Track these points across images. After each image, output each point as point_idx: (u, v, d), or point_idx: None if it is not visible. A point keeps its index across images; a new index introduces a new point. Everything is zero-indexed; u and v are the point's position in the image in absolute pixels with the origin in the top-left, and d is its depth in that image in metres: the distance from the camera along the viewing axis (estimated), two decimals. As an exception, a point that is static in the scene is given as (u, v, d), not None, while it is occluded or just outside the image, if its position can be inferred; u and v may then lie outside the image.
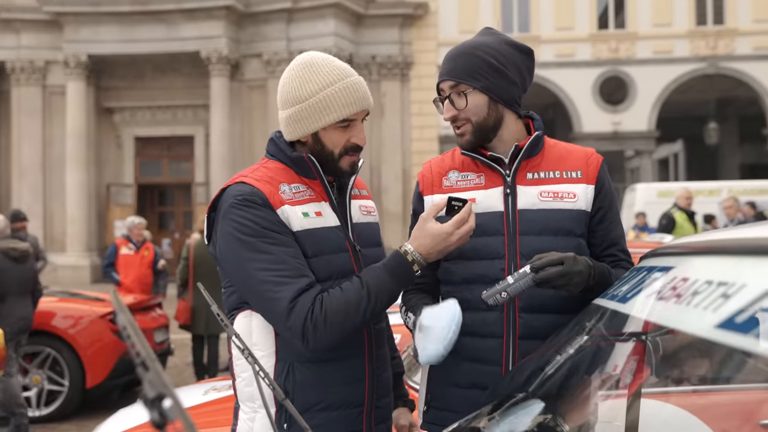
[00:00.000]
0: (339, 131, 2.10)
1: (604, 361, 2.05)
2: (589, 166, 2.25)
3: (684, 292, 1.35)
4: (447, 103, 2.20)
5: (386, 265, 2.02)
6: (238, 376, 2.17)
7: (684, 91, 24.75)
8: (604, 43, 24.47)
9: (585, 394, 2.05)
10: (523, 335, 2.13)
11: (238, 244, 2.01)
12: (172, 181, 26.10)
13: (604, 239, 2.26)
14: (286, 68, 2.19)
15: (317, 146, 2.12)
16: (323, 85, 2.08)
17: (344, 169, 2.15)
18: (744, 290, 1.19)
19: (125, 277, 9.94)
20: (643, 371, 2.10)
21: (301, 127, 2.11)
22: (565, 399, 2.04)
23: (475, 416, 2.03)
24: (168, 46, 23.39)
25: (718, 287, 1.26)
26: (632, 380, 2.12)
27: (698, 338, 2.26)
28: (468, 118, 2.19)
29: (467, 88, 2.17)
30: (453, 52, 2.22)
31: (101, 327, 7.54)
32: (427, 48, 24.48)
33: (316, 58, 2.16)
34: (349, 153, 2.13)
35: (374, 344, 2.19)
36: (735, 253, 1.37)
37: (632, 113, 24.31)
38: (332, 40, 22.79)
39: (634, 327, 1.73)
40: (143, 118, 25.37)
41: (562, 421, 1.96)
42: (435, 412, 2.29)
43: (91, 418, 7.33)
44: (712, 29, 24.38)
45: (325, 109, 2.07)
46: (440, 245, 1.98)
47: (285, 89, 2.15)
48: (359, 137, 2.12)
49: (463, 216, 1.99)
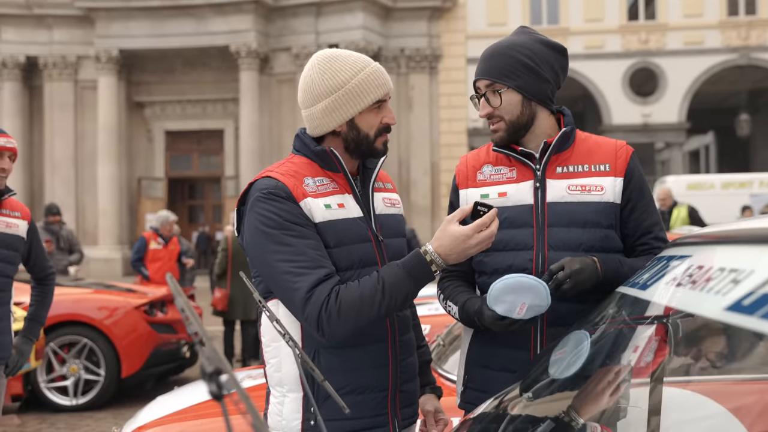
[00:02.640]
0: (373, 113, 2.19)
1: (625, 345, 2.12)
2: (618, 159, 2.31)
3: (698, 279, 1.42)
4: (483, 101, 2.28)
5: (405, 264, 2.08)
6: (268, 362, 2.26)
7: (715, 82, 24.52)
8: (634, 34, 24.30)
9: (606, 378, 2.12)
10: (550, 322, 2.21)
11: (262, 236, 2.11)
12: (202, 175, 26.37)
13: (637, 229, 2.31)
14: (305, 68, 2.27)
15: (352, 132, 2.20)
16: (354, 72, 2.17)
17: (379, 149, 2.23)
18: (752, 275, 1.26)
19: (154, 272, 10.13)
20: (665, 354, 2.16)
21: (339, 115, 2.18)
22: (585, 384, 2.11)
23: (500, 400, 2.11)
24: (198, 40, 23.62)
25: (729, 273, 1.33)
26: (654, 363, 2.18)
27: (719, 326, 2.31)
28: (502, 116, 2.27)
29: (502, 87, 2.25)
30: (488, 52, 2.30)
31: (136, 318, 7.69)
32: (455, 41, 24.45)
33: (335, 52, 2.25)
34: (382, 133, 2.22)
35: (398, 331, 2.26)
36: (746, 242, 1.44)
37: (662, 105, 24.12)
38: (360, 33, 22.87)
39: (654, 312, 1.79)
40: (173, 112, 25.65)
41: (576, 414, 2.03)
42: (471, 392, 2.38)
43: (126, 406, 7.49)
44: (744, 20, 24.12)
45: (361, 93, 2.16)
46: (459, 247, 2.03)
47: (313, 84, 2.22)
48: (390, 116, 2.22)
49: (485, 221, 2.02)
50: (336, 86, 2.16)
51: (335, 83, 2.16)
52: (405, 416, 2.31)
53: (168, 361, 8.03)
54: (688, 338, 1.70)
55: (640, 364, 2.19)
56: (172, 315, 8.12)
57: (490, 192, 2.32)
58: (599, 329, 2.04)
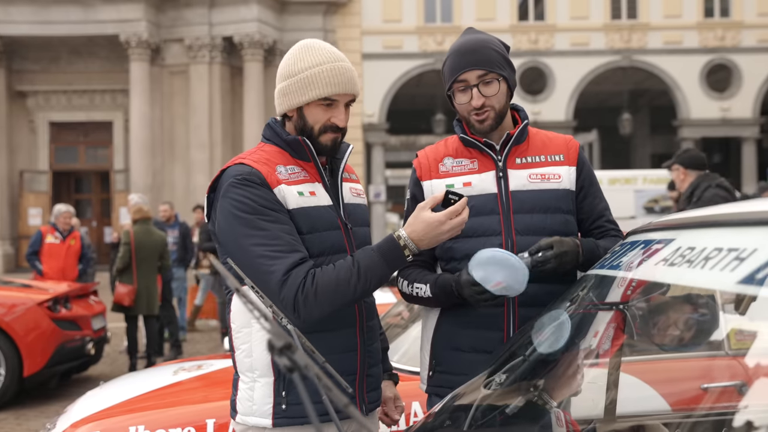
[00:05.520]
0: (321, 109, 2.25)
1: (588, 328, 2.24)
2: (570, 150, 2.48)
3: (695, 259, 1.52)
4: (475, 91, 2.34)
5: (379, 248, 2.16)
6: (238, 348, 2.27)
7: (599, 82, 25.58)
8: (524, 34, 25.03)
9: (570, 359, 2.22)
10: (522, 303, 2.30)
11: (236, 220, 2.14)
12: (90, 168, 25.51)
13: (591, 213, 2.48)
14: None
15: (300, 121, 2.28)
16: (312, 64, 2.24)
17: (324, 145, 2.28)
18: (756, 253, 1.37)
19: (49, 267, 9.76)
20: (623, 337, 2.29)
21: (288, 100, 2.27)
22: (552, 364, 2.21)
23: (471, 385, 2.18)
24: (85, 28, 22.76)
25: (729, 252, 1.45)
26: (612, 345, 2.31)
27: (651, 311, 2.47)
28: (492, 105, 2.37)
29: (495, 77, 2.35)
30: (469, 46, 2.37)
31: (39, 314, 7.39)
32: (351, 36, 24.56)
33: (315, 42, 2.34)
34: (328, 131, 2.26)
35: (365, 317, 2.34)
36: (736, 224, 1.57)
37: (550, 103, 24.99)
38: (256, 26, 22.62)
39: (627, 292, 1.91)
40: (58, 103, 24.67)
41: (548, 396, 2.12)
42: (441, 376, 2.44)
43: (28, 406, 7.22)
44: (626, 23, 25.27)
45: (309, 85, 2.22)
46: (432, 233, 2.11)
47: (282, 65, 2.32)
48: (339, 118, 2.27)
49: (457, 208, 2.11)
50: (293, 72, 2.25)
51: (293, 69, 2.25)
52: (371, 399, 2.38)
53: (72, 358, 7.76)
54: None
55: (599, 346, 2.32)
56: (76, 311, 7.86)
57: (455, 182, 2.41)
58: (569, 311, 2.14)
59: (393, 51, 24.92)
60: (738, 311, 2.03)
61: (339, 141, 2.31)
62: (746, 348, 2.87)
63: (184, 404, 3.32)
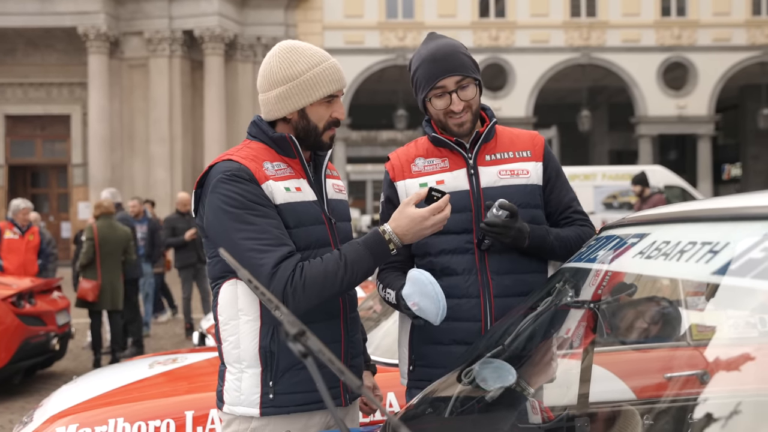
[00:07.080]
0: (324, 106, 2.32)
1: (561, 323, 2.33)
2: (536, 146, 2.58)
3: (671, 252, 1.62)
4: (455, 96, 2.43)
5: (365, 242, 2.23)
6: (225, 340, 2.32)
7: (559, 79, 25.91)
8: (485, 31, 25.24)
9: (545, 351, 2.32)
10: (497, 294, 2.40)
11: (225, 215, 2.19)
12: (47, 162, 25.14)
13: (559, 205, 2.59)
14: (268, 54, 2.39)
15: (302, 121, 2.33)
16: (311, 65, 2.29)
17: (325, 142, 2.37)
18: (729, 247, 1.47)
19: (9, 263, 9.66)
20: (594, 333, 2.39)
21: (291, 103, 2.31)
22: (529, 355, 2.29)
23: (448, 378, 2.25)
24: (42, 20, 22.44)
25: (703, 246, 1.54)
26: (585, 338, 2.40)
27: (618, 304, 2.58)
28: (470, 107, 2.47)
29: (472, 81, 2.45)
30: (441, 53, 2.45)
31: (3, 309, 7.29)
32: (312, 31, 24.55)
33: (299, 43, 2.39)
34: (330, 127, 2.35)
35: (348, 308, 2.41)
36: (707, 220, 1.66)
37: (511, 99, 25.28)
38: (216, 19, 22.48)
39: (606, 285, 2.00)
40: (14, 96, 24.29)
41: (526, 384, 2.21)
42: (422, 369, 2.51)
43: (-8, 403, 7.14)
44: (585, 21, 25.62)
45: (315, 85, 2.29)
46: (415, 228, 2.19)
47: (272, 71, 2.34)
48: (340, 112, 2.36)
49: (440, 205, 2.20)
50: (292, 76, 2.28)
51: (291, 73, 2.29)
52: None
53: (37, 354, 7.67)
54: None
55: (573, 339, 2.41)
56: (40, 306, 7.78)
57: (428, 181, 2.49)
58: (544, 304, 2.23)
59: (354, 46, 24.96)
60: (709, 300, 2.13)
61: (335, 135, 2.41)
62: (707, 339, 2.98)
63: (162, 396, 3.34)
